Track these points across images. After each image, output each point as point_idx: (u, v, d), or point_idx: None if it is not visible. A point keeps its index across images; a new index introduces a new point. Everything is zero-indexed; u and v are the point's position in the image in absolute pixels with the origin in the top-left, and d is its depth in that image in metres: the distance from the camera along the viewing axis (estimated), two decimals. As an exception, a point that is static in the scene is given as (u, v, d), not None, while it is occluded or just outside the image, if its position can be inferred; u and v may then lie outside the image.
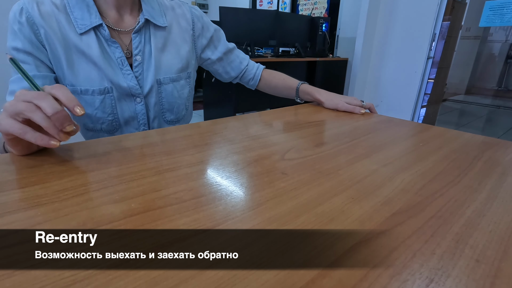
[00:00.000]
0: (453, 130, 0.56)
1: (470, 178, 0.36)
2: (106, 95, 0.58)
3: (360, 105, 0.70)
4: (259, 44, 2.42)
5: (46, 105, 0.33)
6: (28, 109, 0.33)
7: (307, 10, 3.36)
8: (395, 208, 0.29)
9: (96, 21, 0.55)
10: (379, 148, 0.45)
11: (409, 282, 0.20)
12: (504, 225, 0.26)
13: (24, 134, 0.33)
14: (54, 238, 0.22)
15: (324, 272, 0.20)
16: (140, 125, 0.63)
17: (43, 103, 0.33)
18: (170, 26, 0.65)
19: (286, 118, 0.62)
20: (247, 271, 0.20)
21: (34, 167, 0.34)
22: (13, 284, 0.18)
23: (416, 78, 2.42)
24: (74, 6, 0.55)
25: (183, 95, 0.68)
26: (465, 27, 3.67)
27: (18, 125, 0.33)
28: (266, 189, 0.31)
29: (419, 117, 2.62)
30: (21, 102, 0.33)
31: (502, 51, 4.03)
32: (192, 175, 0.34)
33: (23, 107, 0.33)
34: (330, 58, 2.73)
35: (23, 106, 0.33)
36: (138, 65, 0.60)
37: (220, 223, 0.25)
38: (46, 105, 0.33)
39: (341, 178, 0.35)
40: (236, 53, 0.78)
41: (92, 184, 0.31)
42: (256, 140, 0.47)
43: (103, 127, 0.60)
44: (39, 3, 0.54)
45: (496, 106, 3.83)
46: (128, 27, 0.60)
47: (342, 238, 0.24)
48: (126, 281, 0.19)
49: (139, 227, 0.24)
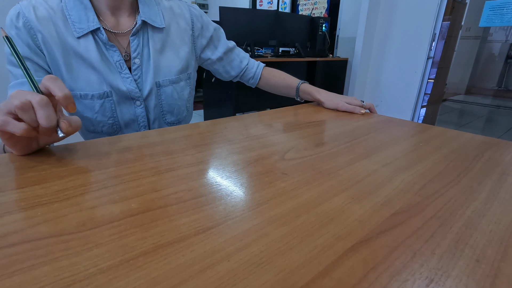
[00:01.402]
0: (453, 130, 0.56)
1: (470, 178, 0.36)
2: (106, 99, 0.58)
3: (360, 105, 0.70)
4: (259, 44, 2.42)
5: (43, 115, 0.32)
6: (23, 107, 0.32)
7: (307, 10, 3.36)
8: (395, 208, 0.29)
9: (93, 24, 0.55)
10: (379, 148, 0.45)
11: (409, 282, 0.20)
12: (504, 225, 0.26)
13: (5, 126, 0.32)
14: (54, 238, 0.22)
15: (324, 272, 0.20)
16: (141, 127, 0.63)
17: (41, 112, 0.32)
18: (169, 27, 0.64)
19: (286, 118, 0.62)
20: (247, 271, 0.20)
21: (34, 167, 0.34)
22: (13, 284, 0.18)
23: (416, 78, 2.42)
24: (72, 9, 0.55)
25: (183, 96, 0.67)
26: (465, 27, 3.67)
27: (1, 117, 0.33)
28: (266, 189, 0.31)
29: (419, 117, 2.62)
30: (18, 100, 0.32)
31: (502, 51, 4.03)
32: (192, 175, 0.34)
33: (18, 103, 0.32)
34: (330, 58, 2.73)
35: (18, 103, 0.32)
36: (137, 68, 0.60)
37: (220, 223, 0.25)
38: (43, 116, 0.32)
39: (341, 178, 0.35)
40: (236, 52, 0.78)
41: (92, 184, 0.31)
42: (256, 140, 0.47)
43: (104, 129, 0.60)
44: (36, 7, 0.53)
45: (496, 106, 3.82)
46: (125, 29, 0.59)
47: (342, 238, 0.24)
48: (126, 281, 0.19)
49: (139, 227, 0.24)
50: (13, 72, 0.53)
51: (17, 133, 0.33)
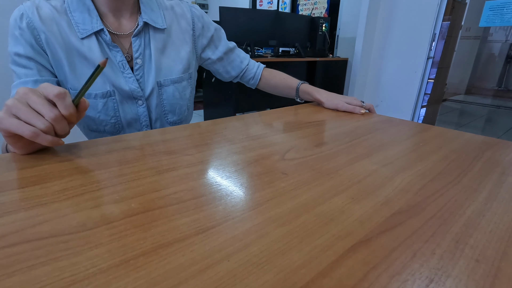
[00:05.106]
0: (453, 130, 0.56)
1: (470, 178, 0.36)
2: (109, 99, 0.58)
3: (360, 105, 0.70)
4: (259, 44, 2.42)
5: (60, 128, 0.36)
6: (31, 116, 0.34)
7: (307, 10, 3.36)
8: (395, 208, 0.29)
9: (97, 26, 0.56)
10: (379, 148, 0.45)
11: (409, 282, 0.20)
12: (504, 225, 0.26)
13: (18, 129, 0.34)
14: (54, 238, 0.22)
15: (324, 272, 0.20)
16: (143, 126, 0.64)
17: (58, 125, 0.35)
18: (170, 27, 0.65)
19: (286, 118, 0.62)
20: (247, 271, 0.20)
21: (34, 167, 0.34)
22: (13, 284, 0.18)
23: (416, 78, 2.42)
24: (75, 10, 0.55)
25: (185, 96, 0.68)
26: (465, 27, 3.67)
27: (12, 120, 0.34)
28: (266, 189, 0.31)
29: (419, 117, 2.62)
30: (31, 109, 0.34)
31: (502, 51, 4.03)
32: (192, 175, 0.34)
33: (32, 115, 0.34)
34: (330, 58, 2.73)
35: (32, 114, 0.34)
36: (139, 68, 0.60)
37: (220, 223, 0.25)
38: (60, 128, 0.36)
39: (341, 178, 0.35)
40: (236, 52, 0.78)
41: (92, 184, 0.31)
42: (256, 140, 0.47)
43: (106, 129, 0.61)
44: (39, 8, 0.54)
45: (496, 106, 3.82)
46: (127, 30, 0.60)
47: (342, 238, 0.24)
48: (126, 281, 0.19)
49: (139, 227, 0.24)
50: (17, 72, 0.53)
51: (25, 135, 0.34)
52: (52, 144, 0.36)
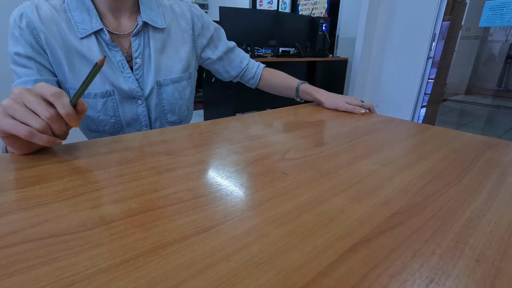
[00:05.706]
0: (453, 130, 0.56)
1: (470, 178, 0.36)
2: (108, 98, 0.58)
3: (360, 105, 0.70)
4: (259, 44, 2.42)
5: (57, 128, 0.36)
6: (30, 117, 0.34)
7: (307, 10, 3.36)
8: (395, 208, 0.29)
9: (97, 25, 0.56)
10: (379, 148, 0.45)
11: (409, 282, 0.20)
12: (504, 225, 0.26)
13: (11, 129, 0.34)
14: (54, 238, 0.22)
15: (324, 272, 0.20)
16: (142, 126, 0.64)
17: (55, 125, 0.35)
18: (169, 27, 0.65)
19: (286, 118, 0.62)
20: (247, 271, 0.20)
21: (34, 167, 0.34)
22: (13, 284, 0.18)
23: (416, 78, 2.42)
24: (75, 9, 0.55)
25: (184, 95, 0.68)
26: (465, 27, 3.67)
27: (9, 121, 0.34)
28: (266, 189, 0.31)
29: (419, 117, 2.62)
30: (29, 111, 0.34)
31: (502, 51, 4.03)
32: (192, 175, 0.34)
33: (31, 117, 0.34)
34: (330, 58, 2.73)
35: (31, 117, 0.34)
36: (138, 67, 0.60)
37: (220, 223, 0.25)
38: (57, 128, 0.36)
39: (341, 178, 0.35)
40: (236, 52, 0.78)
41: (92, 184, 0.31)
42: (256, 140, 0.47)
43: (106, 128, 0.60)
44: (39, 8, 0.54)
45: (496, 106, 3.82)
46: (127, 30, 0.60)
47: (342, 238, 0.24)
48: (126, 281, 0.19)
49: (139, 227, 0.24)
50: (17, 72, 0.53)
51: (21, 135, 0.34)
52: (49, 143, 0.35)
